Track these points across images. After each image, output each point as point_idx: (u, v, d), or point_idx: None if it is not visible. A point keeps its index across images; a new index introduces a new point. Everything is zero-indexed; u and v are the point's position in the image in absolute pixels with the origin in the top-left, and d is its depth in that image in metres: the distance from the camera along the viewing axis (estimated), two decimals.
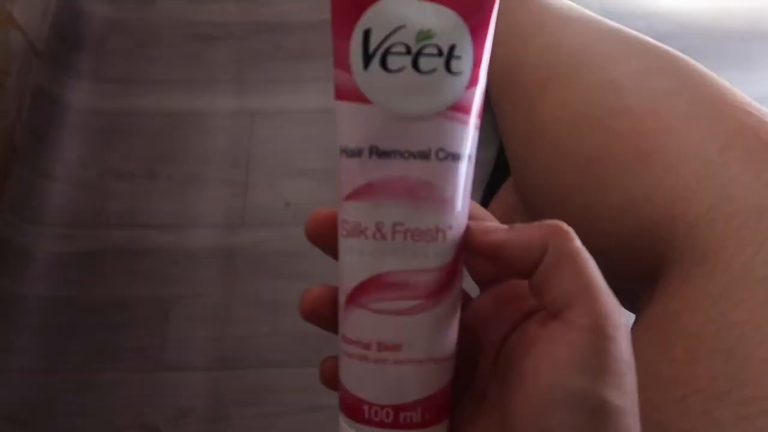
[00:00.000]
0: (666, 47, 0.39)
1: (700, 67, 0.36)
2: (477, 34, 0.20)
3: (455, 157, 0.21)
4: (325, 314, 0.24)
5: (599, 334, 0.19)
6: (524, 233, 0.21)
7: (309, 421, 0.60)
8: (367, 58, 0.20)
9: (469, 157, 0.21)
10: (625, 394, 0.18)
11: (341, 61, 0.21)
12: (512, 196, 0.66)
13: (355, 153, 0.21)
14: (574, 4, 0.47)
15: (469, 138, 0.21)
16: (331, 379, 0.24)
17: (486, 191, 0.72)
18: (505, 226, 0.22)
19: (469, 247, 0.22)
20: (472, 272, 0.25)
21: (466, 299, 0.25)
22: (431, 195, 0.21)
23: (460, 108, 0.21)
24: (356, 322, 0.22)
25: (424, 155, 0.20)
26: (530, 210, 0.47)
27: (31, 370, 0.63)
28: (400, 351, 0.21)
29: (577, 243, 0.21)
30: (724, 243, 0.28)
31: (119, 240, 0.70)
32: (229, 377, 0.63)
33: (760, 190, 0.28)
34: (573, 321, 0.19)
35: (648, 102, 0.35)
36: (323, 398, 0.61)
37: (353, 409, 0.22)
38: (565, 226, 0.21)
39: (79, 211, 0.72)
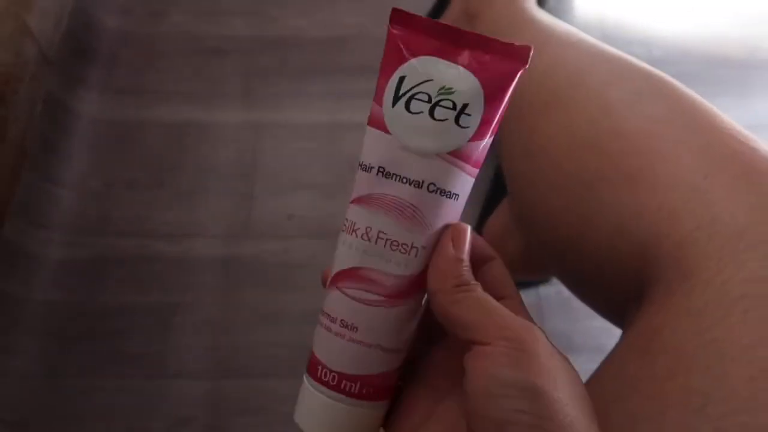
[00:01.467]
0: (660, 72, 0.40)
1: (692, 93, 0.38)
2: (490, 100, 0.25)
3: (443, 193, 0.25)
4: None
5: (513, 342, 0.22)
6: (438, 267, 0.25)
7: None
8: (396, 99, 0.25)
9: (457, 196, 0.26)
10: (554, 380, 0.21)
11: (378, 96, 0.26)
12: (508, 214, 0.67)
13: (367, 169, 0.26)
14: (573, 28, 0.48)
15: (459, 181, 0.25)
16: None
17: (483, 209, 0.74)
18: (464, 258, 0.25)
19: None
20: None
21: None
22: (414, 217, 0.25)
23: (458, 155, 0.25)
24: (331, 300, 0.27)
25: (418, 185, 0.25)
26: (525, 228, 0.48)
27: (33, 374, 0.64)
28: (356, 332, 0.26)
29: (471, 291, 0.24)
30: (706, 263, 0.29)
31: (124, 248, 0.71)
32: (229, 386, 0.64)
33: (742, 213, 0.29)
34: (484, 341, 0.23)
35: (641, 126, 0.37)
36: None
37: (312, 366, 0.27)
38: (463, 277, 0.25)
39: (86, 218, 0.73)
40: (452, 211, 0.26)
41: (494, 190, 0.74)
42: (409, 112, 0.25)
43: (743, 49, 0.91)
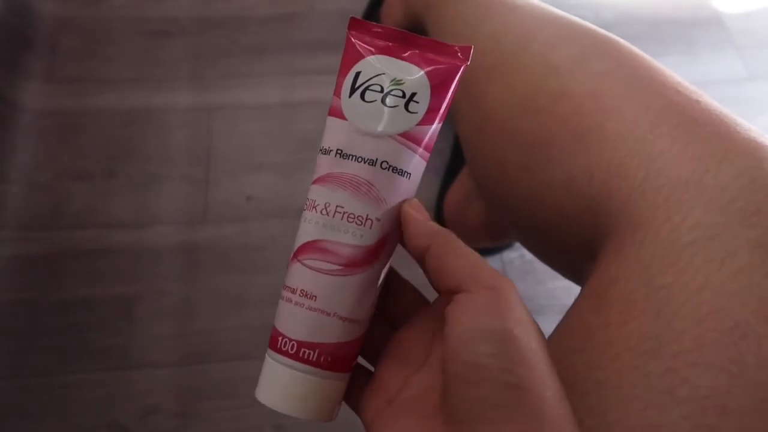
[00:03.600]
0: (604, 32, 0.41)
1: (635, 49, 0.38)
2: (436, 90, 0.28)
3: (395, 170, 0.28)
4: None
5: (493, 291, 0.24)
6: (422, 226, 0.27)
7: (277, 411, 0.61)
8: (353, 90, 0.28)
9: (409, 174, 0.28)
10: (525, 330, 0.23)
11: (337, 90, 0.29)
12: (469, 183, 0.67)
13: (327, 152, 0.28)
14: None
15: (411, 160, 0.28)
16: None
17: (444, 178, 0.74)
18: (423, 217, 0.28)
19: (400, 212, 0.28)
20: (425, 272, 0.30)
21: (426, 304, 0.31)
22: (369, 192, 0.27)
23: (408, 137, 0.28)
24: (292, 273, 0.28)
25: (372, 163, 0.27)
26: (484, 192, 0.48)
27: None
28: (315, 300, 0.27)
29: (459, 242, 0.26)
30: (654, 213, 0.30)
31: (78, 241, 0.69)
32: (196, 372, 0.63)
33: (685, 163, 0.30)
34: (470, 288, 0.24)
35: (586, 85, 0.37)
36: None
37: (273, 340, 0.29)
38: (450, 233, 0.27)
39: (37, 213, 0.71)
40: (405, 187, 0.28)
41: (454, 159, 0.74)
42: (364, 101, 0.28)
43: (687, 9, 0.93)
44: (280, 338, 0.28)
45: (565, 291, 0.71)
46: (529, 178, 0.40)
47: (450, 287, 0.25)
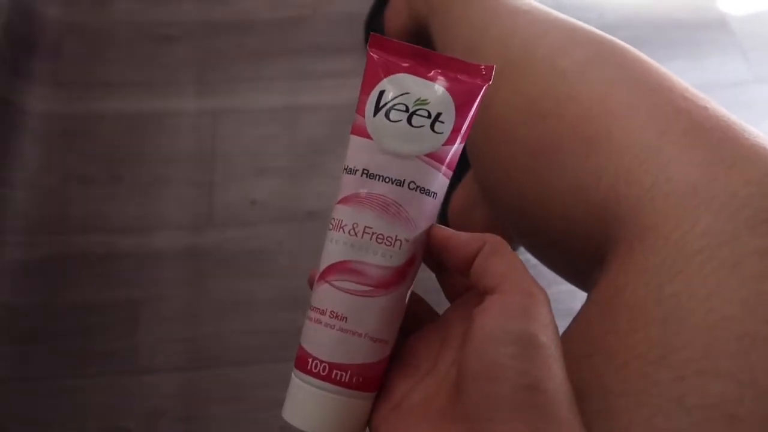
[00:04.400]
0: (610, 37, 0.41)
1: (641, 54, 0.38)
2: (461, 110, 0.28)
3: (422, 190, 0.28)
4: None
5: (525, 295, 0.24)
6: (468, 234, 0.27)
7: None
8: (377, 110, 0.28)
9: (435, 194, 0.28)
10: (549, 337, 0.24)
11: (360, 108, 0.29)
12: (473, 187, 0.67)
13: (353, 171, 0.28)
14: None
15: (437, 180, 0.28)
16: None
17: (449, 183, 0.74)
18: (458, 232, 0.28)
19: (430, 239, 0.28)
20: (442, 285, 0.31)
21: (433, 313, 0.31)
22: (398, 213, 0.27)
23: (434, 157, 0.28)
24: (320, 294, 0.28)
25: (399, 183, 0.27)
26: (489, 197, 0.48)
27: (2, 379, 0.62)
28: (345, 322, 0.27)
29: (507, 245, 0.27)
30: (663, 220, 0.29)
31: (84, 245, 0.70)
32: (202, 376, 0.64)
33: (694, 170, 0.30)
34: (504, 290, 0.25)
35: (593, 90, 0.37)
36: None
37: (302, 361, 0.28)
38: (499, 237, 0.27)
39: (43, 217, 0.71)
40: (431, 207, 0.28)
41: (458, 164, 0.74)
42: (389, 120, 0.28)
43: (692, 12, 0.92)
44: (310, 360, 0.28)
45: (569, 295, 0.70)
46: (536, 183, 0.40)
47: (488, 287, 0.25)
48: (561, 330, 0.34)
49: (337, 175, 0.29)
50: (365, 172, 0.28)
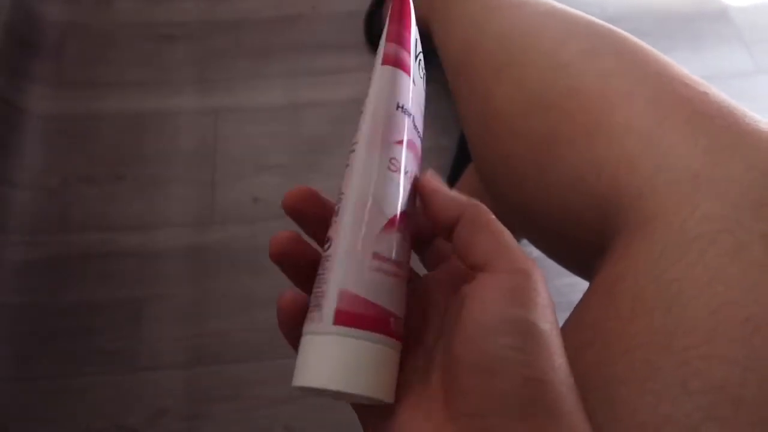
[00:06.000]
0: (611, 27, 0.40)
1: (642, 44, 0.38)
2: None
3: (419, 147, 0.29)
4: (295, 254, 0.27)
5: (521, 274, 0.23)
6: (450, 196, 0.26)
7: (287, 411, 0.61)
8: (416, 56, 0.28)
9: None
10: (548, 322, 0.22)
11: (401, 41, 0.27)
12: (474, 181, 0.67)
13: (408, 113, 0.27)
14: None
15: None
16: (291, 316, 0.26)
17: (450, 175, 0.74)
18: (446, 188, 0.26)
19: (416, 187, 0.27)
20: (418, 251, 0.30)
21: (414, 276, 0.29)
22: (419, 164, 0.28)
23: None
24: (396, 243, 0.25)
25: (420, 138, 0.28)
26: (491, 189, 0.48)
27: (6, 378, 0.62)
28: (407, 272, 0.26)
29: (491, 215, 0.25)
30: (664, 207, 0.29)
31: (87, 244, 0.70)
32: (205, 373, 0.64)
33: (695, 157, 0.30)
34: (497, 268, 0.23)
35: (594, 82, 0.37)
36: None
37: (380, 322, 0.24)
38: (481, 204, 0.25)
39: (45, 217, 0.71)
40: None
41: (459, 157, 0.74)
42: (420, 73, 0.28)
43: (694, 3, 0.92)
44: (392, 320, 0.24)
45: (572, 288, 0.70)
46: (538, 174, 0.39)
47: (476, 264, 0.24)
48: (562, 321, 0.34)
49: (338, 173, 0.29)
50: (413, 118, 0.27)
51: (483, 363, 0.21)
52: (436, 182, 0.26)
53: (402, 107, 0.27)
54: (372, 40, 0.83)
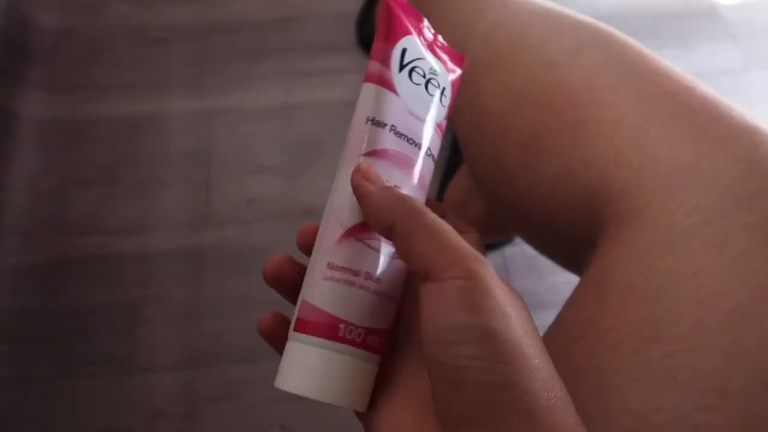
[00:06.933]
0: (598, 23, 0.41)
1: (629, 39, 0.39)
2: (454, 91, 0.29)
3: (433, 159, 0.28)
4: (288, 277, 0.27)
5: (466, 279, 0.21)
6: (381, 200, 0.24)
7: (283, 412, 0.61)
8: (402, 66, 0.27)
9: (435, 161, 0.29)
10: (505, 323, 0.21)
11: (384, 59, 0.27)
12: (467, 180, 0.68)
13: (381, 125, 0.27)
14: None
15: (438, 148, 0.29)
16: (270, 330, 0.27)
17: (443, 176, 0.74)
18: (379, 187, 0.25)
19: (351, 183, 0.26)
20: None
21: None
22: (416, 174, 0.27)
23: (441, 128, 0.28)
24: (351, 252, 0.26)
25: (419, 148, 0.27)
26: (483, 189, 0.48)
27: (3, 381, 0.62)
28: (379, 284, 0.25)
29: (427, 217, 0.23)
30: (651, 200, 0.30)
31: (83, 247, 0.70)
32: (202, 374, 0.64)
33: (681, 150, 0.30)
34: (439, 276, 0.22)
35: (582, 77, 0.37)
36: None
37: (327, 328, 0.25)
38: (416, 204, 0.23)
39: (41, 220, 0.71)
40: (431, 172, 0.28)
41: (452, 156, 0.74)
42: (412, 81, 0.27)
43: (683, 0, 0.93)
44: (342, 326, 0.25)
45: (567, 286, 0.71)
46: (527, 171, 0.40)
47: (417, 271, 0.23)
48: (553, 317, 0.35)
49: (332, 173, 0.28)
50: (393, 128, 0.26)
51: (448, 376, 0.21)
52: (366, 182, 0.25)
53: (372, 119, 0.26)
54: (366, 44, 0.83)
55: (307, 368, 0.25)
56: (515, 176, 0.41)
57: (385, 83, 0.27)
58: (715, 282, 0.27)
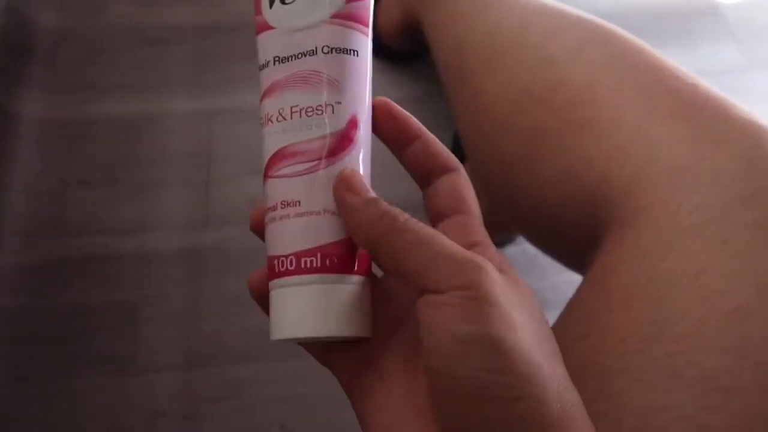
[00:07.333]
0: (600, 21, 0.41)
1: (630, 36, 0.38)
2: None
3: (339, 50, 0.26)
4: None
5: (467, 288, 0.20)
6: (363, 218, 0.23)
7: (284, 411, 0.61)
8: (271, 1, 0.27)
9: (355, 51, 0.26)
10: (513, 330, 0.20)
11: (257, 9, 0.27)
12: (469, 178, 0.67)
13: (265, 65, 0.27)
14: None
15: (352, 38, 0.26)
16: (255, 288, 0.26)
17: None
18: (362, 200, 0.23)
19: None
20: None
21: None
22: (320, 79, 0.26)
23: (341, 16, 0.26)
24: (268, 192, 0.26)
25: (312, 53, 0.26)
26: (484, 186, 0.48)
27: (1, 381, 0.62)
28: (299, 206, 0.25)
29: (410, 231, 0.22)
30: (653, 199, 0.30)
31: (82, 248, 0.70)
32: (202, 374, 0.64)
33: (683, 148, 0.30)
34: (437, 288, 0.21)
35: (583, 75, 0.37)
36: (298, 388, 0.62)
37: (270, 270, 0.25)
38: (398, 218, 0.22)
39: (39, 221, 0.71)
40: (357, 66, 0.26)
41: (454, 153, 0.74)
42: (285, 3, 0.26)
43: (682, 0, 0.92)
44: (276, 262, 0.25)
45: (569, 285, 0.70)
46: (529, 170, 0.40)
47: (413, 286, 0.21)
48: (555, 316, 0.34)
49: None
50: (276, 59, 0.26)
51: (452, 389, 0.20)
52: (347, 193, 0.23)
53: (260, 66, 0.27)
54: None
55: (273, 313, 0.25)
56: (517, 175, 0.41)
57: (261, 28, 0.27)
58: (717, 281, 0.26)
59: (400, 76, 0.82)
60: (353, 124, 0.25)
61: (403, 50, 0.79)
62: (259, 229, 0.27)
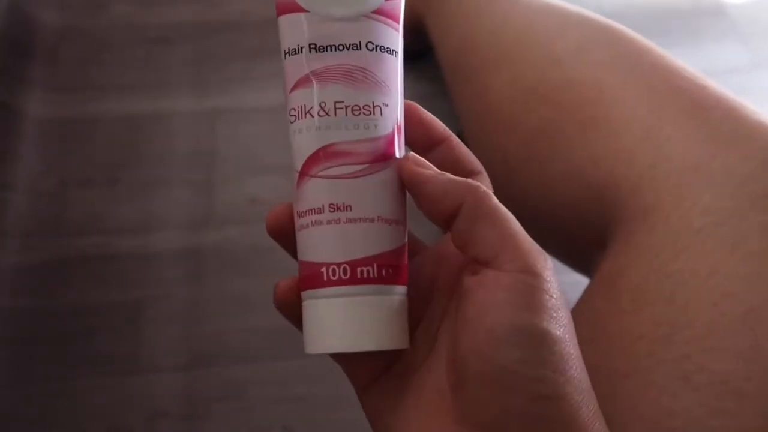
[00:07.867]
0: (606, 20, 0.40)
1: (637, 36, 0.38)
2: None
3: (382, 49, 0.25)
4: (289, 228, 0.26)
5: (530, 274, 0.20)
6: (446, 182, 0.23)
7: (285, 412, 0.61)
8: None
9: (395, 51, 0.25)
10: (562, 326, 0.20)
11: None
12: None
13: (296, 51, 0.25)
14: None
15: (391, 36, 0.25)
16: (284, 298, 0.25)
17: None
18: (437, 171, 0.23)
19: (400, 174, 0.24)
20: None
21: (421, 246, 0.27)
22: (366, 77, 0.24)
23: (382, 13, 0.25)
24: (308, 192, 0.24)
25: (356, 47, 0.24)
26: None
27: (1, 382, 0.62)
28: (352, 210, 0.23)
29: (494, 201, 0.22)
30: (663, 199, 0.29)
31: (84, 247, 0.69)
32: (203, 374, 0.63)
33: (693, 148, 0.30)
34: (503, 267, 0.21)
35: (589, 74, 0.37)
36: (299, 389, 0.62)
37: (313, 277, 0.24)
38: (482, 186, 0.23)
39: (41, 220, 0.71)
40: (396, 66, 0.26)
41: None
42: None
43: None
44: (323, 270, 0.23)
45: (573, 287, 0.70)
46: (535, 170, 0.39)
47: (478, 258, 0.21)
48: None
49: None
50: (312, 46, 0.24)
51: (491, 375, 0.19)
52: (421, 168, 0.23)
53: (288, 50, 0.25)
54: None
55: (317, 324, 0.24)
56: (522, 175, 0.41)
57: (288, 8, 0.25)
58: (729, 283, 0.26)
59: (404, 75, 0.82)
60: (399, 128, 0.25)
61: (408, 49, 0.78)
62: (279, 230, 0.26)
